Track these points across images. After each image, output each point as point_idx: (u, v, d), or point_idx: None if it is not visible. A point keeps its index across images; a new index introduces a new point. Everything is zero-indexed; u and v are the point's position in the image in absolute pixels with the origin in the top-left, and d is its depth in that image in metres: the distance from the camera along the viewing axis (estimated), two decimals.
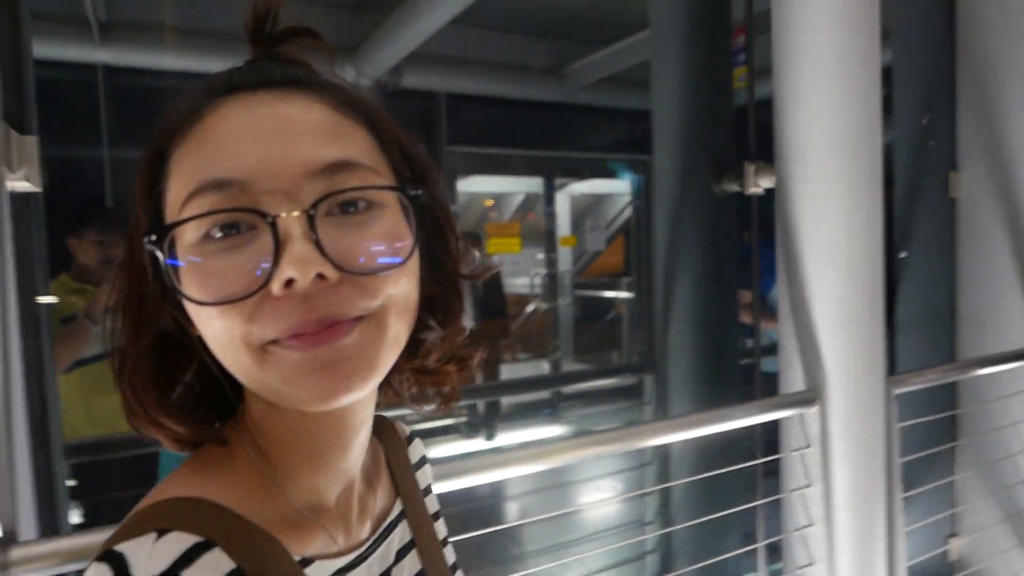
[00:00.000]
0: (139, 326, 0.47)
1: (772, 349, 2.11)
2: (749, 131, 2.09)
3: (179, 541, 0.39)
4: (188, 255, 0.41)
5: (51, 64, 4.41)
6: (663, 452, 2.45)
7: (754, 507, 2.04)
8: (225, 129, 0.42)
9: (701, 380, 2.32)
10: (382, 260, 0.43)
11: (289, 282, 0.39)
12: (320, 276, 0.40)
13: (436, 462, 1.05)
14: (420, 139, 0.52)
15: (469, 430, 5.76)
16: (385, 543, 0.55)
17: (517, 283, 7.75)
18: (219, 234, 0.41)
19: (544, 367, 7.53)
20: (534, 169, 7.11)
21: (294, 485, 0.49)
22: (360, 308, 0.42)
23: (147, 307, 0.46)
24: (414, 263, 0.46)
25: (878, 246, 1.85)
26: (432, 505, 0.65)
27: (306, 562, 0.47)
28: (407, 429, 0.66)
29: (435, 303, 0.53)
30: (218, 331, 0.42)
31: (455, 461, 1.38)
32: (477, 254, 0.56)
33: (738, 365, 2.40)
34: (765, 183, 2.08)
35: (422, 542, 0.59)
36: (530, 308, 7.58)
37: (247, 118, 0.43)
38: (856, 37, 1.77)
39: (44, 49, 4.22)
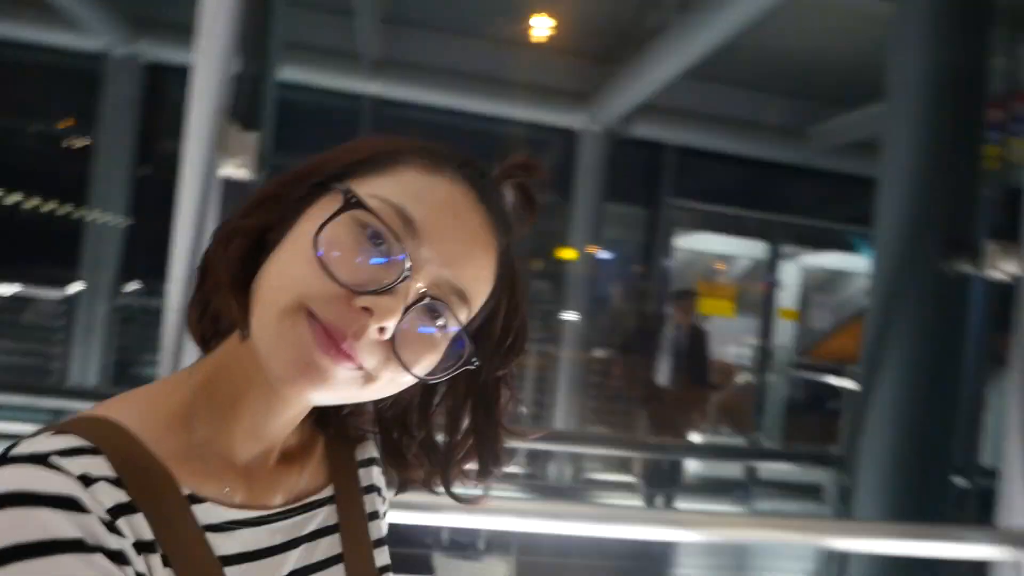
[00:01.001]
0: (256, 208, 0.55)
1: None
2: (994, 207, 1.76)
3: (67, 440, 0.46)
4: (343, 222, 0.50)
5: (325, 91, 5.14)
6: (839, 562, 2.10)
7: None
8: (445, 195, 0.53)
9: (894, 489, 1.96)
10: (411, 363, 0.51)
11: (366, 309, 0.48)
12: (381, 328, 0.48)
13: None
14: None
15: (649, 491, 5.48)
16: (300, 518, 0.59)
17: (726, 351, 7.32)
18: (371, 234, 0.50)
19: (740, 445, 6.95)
20: (761, 233, 6.71)
21: (214, 429, 0.54)
22: (368, 363, 0.50)
23: (275, 203, 0.55)
24: (421, 384, 0.55)
25: None
26: (372, 504, 0.67)
27: (197, 500, 0.51)
28: (360, 429, 0.69)
29: (475, 434, 0.61)
30: (296, 271, 0.49)
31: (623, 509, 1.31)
32: (523, 410, 0.63)
33: (948, 480, 1.99)
34: (1011, 268, 1.73)
35: (348, 530, 0.62)
36: (736, 379, 7.09)
37: (462, 211, 0.53)
38: None
39: (320, 77, 4.93)
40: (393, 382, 0.52)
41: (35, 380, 5.21)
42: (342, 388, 0.50)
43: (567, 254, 5.87)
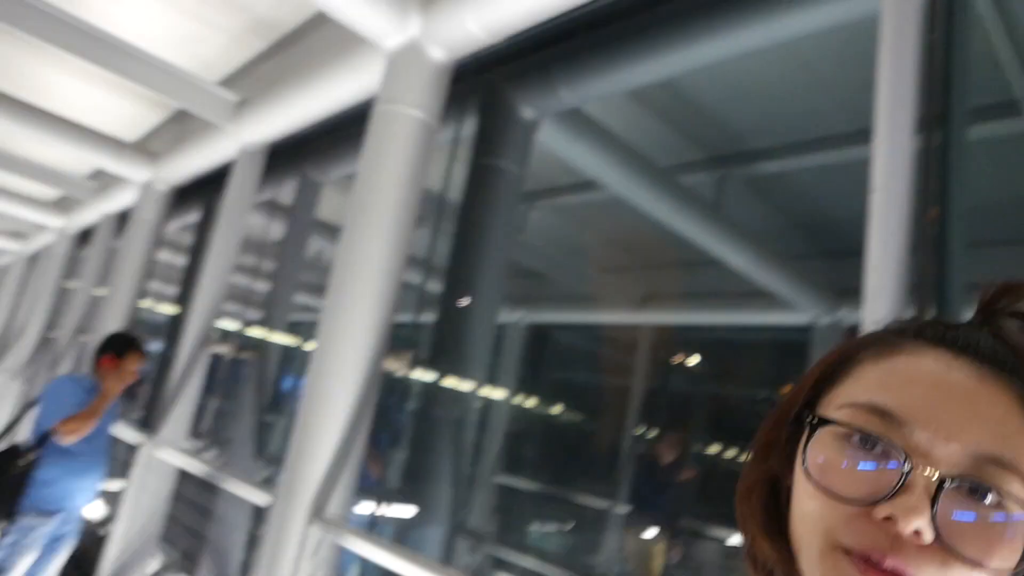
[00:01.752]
0: (759, 460, 0.58)
1: None
2: None
3: None
4: (824, 443, 0.49)
5: None
6: None
7: None
8: (915, 372, 0.49)
9: None
10: (979, 556, 0.43)
11: (888, 518, 0.44)
12: (916, 531, 0.43)
13: None
14: None
15: None
16: None
17: None
18: (856, 442, 0.47)
19: None
20: None
21: None
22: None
23: (772, 451, 0.56)
24: None
25: None
26: None
27: None
28: None
29: None
30: (810, 509, 0.48)
31: None
32: None
33: None
34: None
35: None
36: None
37: (938, 376, 0.48)
38: None
39: None
40: None
41: None
42: None
43: None
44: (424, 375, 3.25)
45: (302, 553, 2.14)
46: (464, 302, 3.07)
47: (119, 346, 3.24)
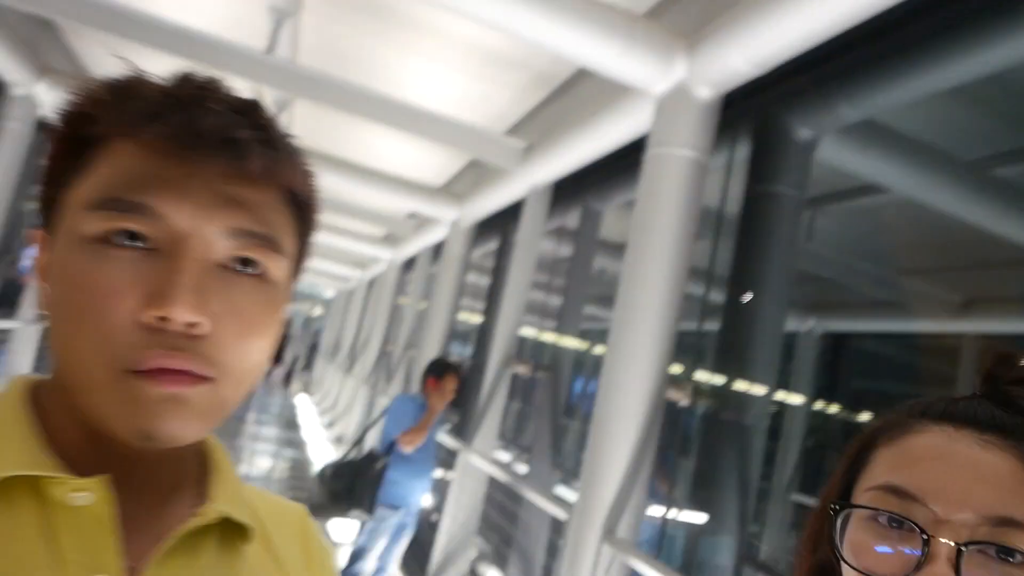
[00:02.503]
0: (809, 552, 0.61)
1: None
2: None
3: None
4: (855, 527, 0.53)
5: None
6: None
7: None
8: (922, 449, 0.52)
9: None
10: None
11: None
12: None
13: None
14: None
15: None
16: None
17: None
18: (884, 522, 0.51)
19: None
20: None
21: None
22: None
23: (819, 543, 0.60)
24: None
25: None
26: None
27: None
28: None
29: None
30: None
31: None
32: None
33: None
34: None
35: None
36: None
37: (944, 449, 0.51)
38: None
39: None
40: None
41: None
42: None
43: None
44: (711, 379, 3.28)
45: (595, 572, 2.35)
46: (747, 298, 3.01)
47: (439, 370, 3.84)
